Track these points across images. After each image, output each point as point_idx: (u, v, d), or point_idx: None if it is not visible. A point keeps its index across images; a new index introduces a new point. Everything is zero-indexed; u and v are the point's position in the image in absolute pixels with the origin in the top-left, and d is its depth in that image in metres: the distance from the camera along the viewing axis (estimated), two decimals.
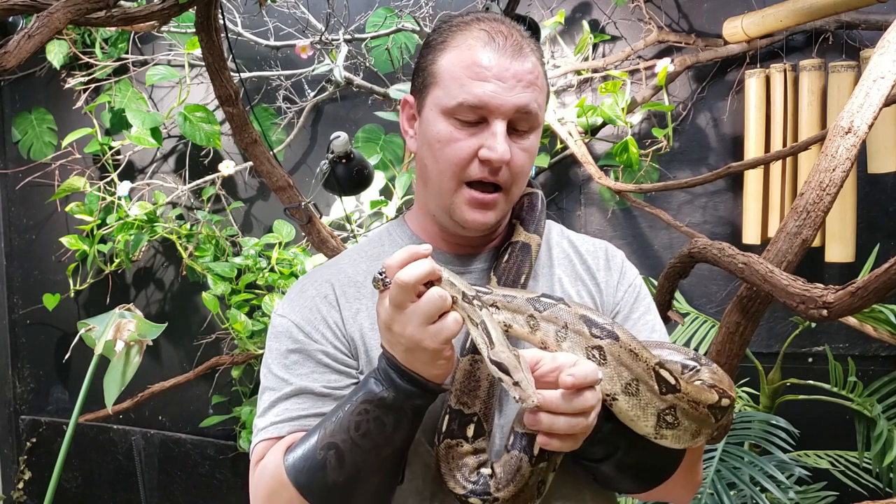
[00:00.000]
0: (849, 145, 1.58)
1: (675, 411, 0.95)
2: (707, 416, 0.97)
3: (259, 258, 2.90)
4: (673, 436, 0.96)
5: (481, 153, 1.01)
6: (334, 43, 2.78)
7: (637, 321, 1.15)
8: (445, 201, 1.06)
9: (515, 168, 1.04)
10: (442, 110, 1.03)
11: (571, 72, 2.64)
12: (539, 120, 1.05)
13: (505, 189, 1.05)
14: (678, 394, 0.95)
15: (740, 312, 1.77)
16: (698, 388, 0.98)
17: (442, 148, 1.03)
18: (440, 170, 1.05)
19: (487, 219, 1.05)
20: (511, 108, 1.01)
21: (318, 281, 1.12)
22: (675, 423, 0.95)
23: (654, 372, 0.94)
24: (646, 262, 2.63)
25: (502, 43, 1.01)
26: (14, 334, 3.70)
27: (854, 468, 2.23)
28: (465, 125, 1.02)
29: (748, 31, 2.37)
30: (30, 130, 3.46)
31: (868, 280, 1.38)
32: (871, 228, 2.33)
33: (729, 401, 1.00)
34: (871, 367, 2.38)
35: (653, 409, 0.95)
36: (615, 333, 0.95)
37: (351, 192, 2.28)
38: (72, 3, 1.50)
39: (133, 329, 2.19)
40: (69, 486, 3.57)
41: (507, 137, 1.02)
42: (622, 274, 1.17)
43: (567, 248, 1.18)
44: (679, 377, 0.96)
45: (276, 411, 1.05)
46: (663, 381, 0.94)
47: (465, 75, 1.01)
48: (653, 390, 0.94)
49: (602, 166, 2.54)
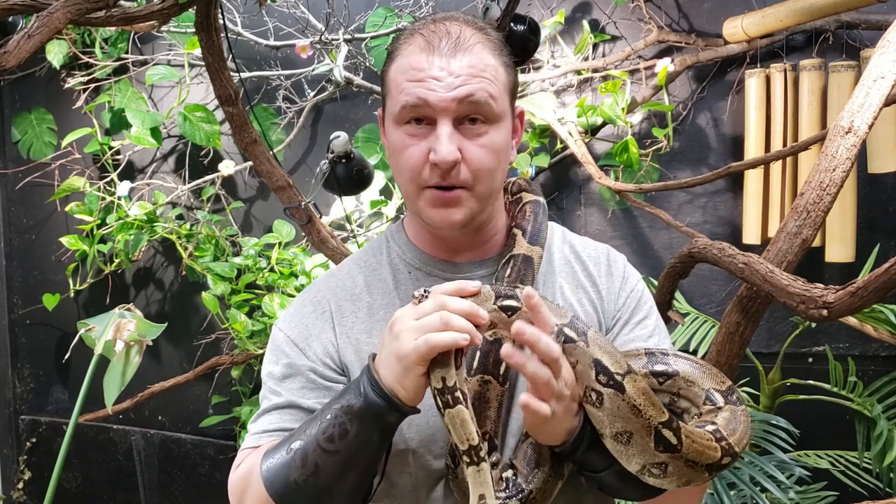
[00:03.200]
0: (849, 145, 1.58)
1: (667, 467, 0.93)
2: (702, 472, 0.94)
3: (259, 258, 2.90)
4: (656, 482, 0.94)
5: (430, 157, 1.00)
6: (334, 43, 2.77)
7: (636, 326, 1.13)
8: (414, 207, 1.07)
9: (473, 165, 1.01)
10: (393, 119, 1.04)
11: (571, 72, 2.64)
12: (495, 111, 1.01)
13: (468, 188, 1.02)
14: (677, 454, 0.92)
15: (740, 312, 1.77)
16: (702, 445, 0.93)
17: (398, 157, 1.04)
18: (401, 178, 1.05)
19: (454, 217, 1.03)
20: (451, 102, 0.99)
21: (317, 297, 1.14)
22: (662, 474, 0.93)
23: (655, 431, 0.91)
24: (646, 262, 2.63)
25: (438, 44, 1.01)
26: (14, 334, 3.70)
27: (854, 468, 2.22)
28: (417, 129, 1.02)
29: (748, 30, 2.37)
30: (30, 130, 3.46)
31: (868, 280, 1.38)
32: (871, 228, 2.33)
33: (731, 459, 0.95)
34: (871, 367, 2.38)
35: (639, 460, 0.93)
36: (622, 386, 0.92)
37: (351, 192, 2.28)
38: (72, 3, 1.50)
39: (133, 329, 2.19)
40: (69, 486, 3.57)
41: (458, 135, 1.00)
42: (624, 280, 1.16)
43: (568, 255, 1.17)
44: (683, 436, 0.92)
45: (265, 421, 1.08)
46: (663, 440, 0.91)
47: (404, 80, 1.01)
48: (646, 446, 0.92)
49: (602, 166, 2.54)
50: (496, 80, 1.02)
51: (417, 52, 1.02)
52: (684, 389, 1.03)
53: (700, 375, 1.03)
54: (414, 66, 1.01)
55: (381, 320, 1.10)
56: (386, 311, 1.10)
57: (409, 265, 1.13)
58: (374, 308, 1.11)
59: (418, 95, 0.99)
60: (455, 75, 0.99)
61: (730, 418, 0.99)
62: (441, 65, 1.00)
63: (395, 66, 1.04)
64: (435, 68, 1.00)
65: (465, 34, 1.02)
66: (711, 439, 0.95)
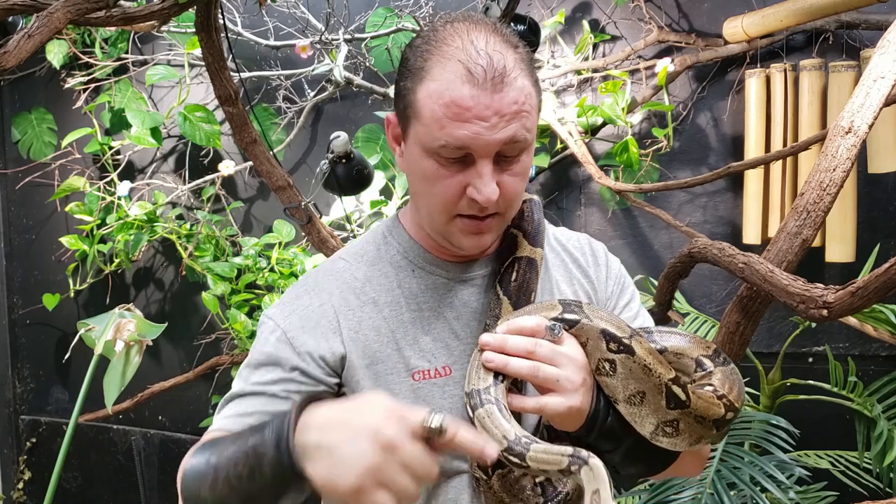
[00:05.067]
0: (849, 145, 1.58)
1: (678, 424, 0.96)
2: (710, 428, 0.98)
3: (259, 258, 2.90)
4: (669, 442, 0.98)
5: (469, 192, 0.98)
6: (334, 43, 2.77)
7: (623, 310, 1.17)
8: (440, 230, 1.05)
9: (508, 195, 1.00)
10: (425, 149, 0.99)
11: (571, 72, 2.64)
12: (529, 140, 1.00)
13: (500, 214, 1.03)
14: (686, 409, 0.96)
15: (740, 312, 1.77)
16: (707, 401, 0.98)
17: (429, 185, 1.00)
18: (430, 204, 1.03)
19: (484, 242, 1.05)
20: (496, 145, 0.96)
21: (316, 287, 1.09)
22: (675, 433, 0.97)
23: (666, 388, 0.95)
24: (646, 262, 2.63)
25: (482, 76, 0.94)
26: (14, 334, 3.70)
27: (854, 468, 2.22)
28: (451, 161, 0.98)
29: (748, 30, 2.37)
30: (30, 130, 3.46)
31: (868, 280, 1.38)
32: (871, 228, 2.33)
33: (734, 413, 1.00)
34: (871, 367, 2.38)
35: (653, 419, 0.96)
36: (632, 348, 0.96)
37: (351, 192, 2.28)
38: (72, 3, 1.50)
39: (133, 329, 2.19)
40: (69, 486, 3.57)
41: (496, 169, 0.98)
42: (608, 267, 1.19)
43: (557, 248, 1.18)
44: (690, 392, 0.97)
45: (228, 409, 1.03)
46: (673, 397, 0.95)
47: (444, 115, 0.95)
48: (658, 404, 0.95)
49: (602, 166, 2.54)
50: (533, 109, 1.00)
51: (459, 83, 0.95)
52: (675, 362, 1.06)
53: (687, 345, 1.07)
54: (456, 101, 0.94)
55: (387, 318, 1.07)
56: (391, 309, 1.07)
57: (412, 263, 1.10)
58: (380, 305, 1.07)
59: (463, 140, 0.95)
60: (500, 114, 0.95)
61: (723, 378, 1.03)
62: (486, 102, 0.94)
63: (426, 89, 0.97)
64: (480, 106, 0.94)
65: (508, 61, 0.96)
66: (713, 396, 0.99)
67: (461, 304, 1.09)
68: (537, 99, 1.02)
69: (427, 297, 1.08)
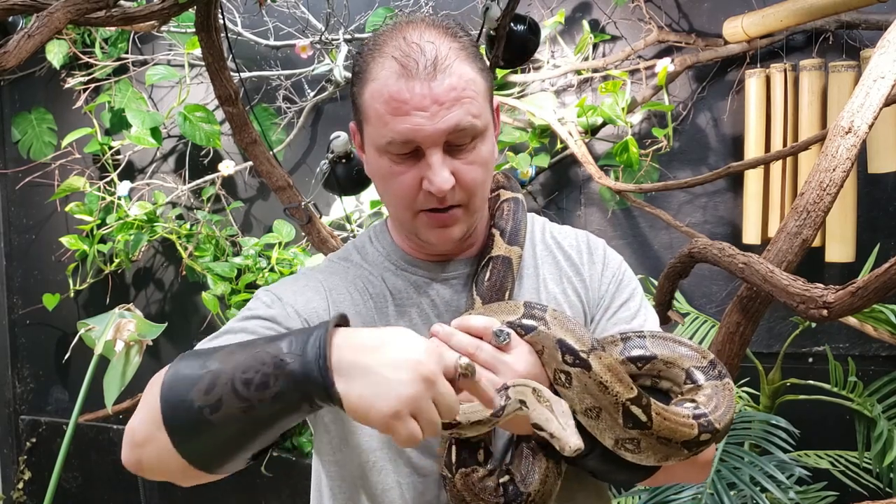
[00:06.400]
0: (849, 145, 1.58)
1: (639, 442, 0.92)
2: (678, 448, 0.93)
3: (259, 258, 2.90)
4: (634, 457, 0.94)
5: (424, 185, 0.99)
6: (334, 43, 2.78)
7: (619, 309, 1.12)
8: (407, 227, 1.06)
9: (467, 184, 1.00)
10: (377, 149, 1.01)
11: (571, 71, 2.64)
12: (480, 128, 0.99)
13: (463, 205, 1.02)
14: (647, 431, 0.91)
15: (740, 312, 1.77)
16: (674, 422, 0.93)
17: (388, 184, 1.02)
18: (393, 203, 1.05)
19: (452, 234, 1.04)
20: (440, 134, 0.96)
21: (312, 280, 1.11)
22: (637, 450, 0.93)
23: (624, 408, 0.91)
24: (646, 262, 2.63)
25: (415, 68, 0.95)
26: (14, 334, 3.70)
27: (854, 468, 2.22)
28: (403, 158, 0.99)
29: (748, 30, 2.37)
30: (29, 130, 3.46)
31: (868, 280, 1.38)
32: (871, 228, 2.33)
33: (710, 435, 0.94)
34: (871, 367, 2.38)
35: (611, 435, 0.93)
36: (588, 363, 0.93)
37: (351, 192, 2.28)
38: (72, 3, 1.50)
39: (133, 329, 2.19)
40: (69, 486, 3.57)
41: (449, 159, 0.98)
42: (605, 264, 1.16)
43: (551, 245, 1.16)
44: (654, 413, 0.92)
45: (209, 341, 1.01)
46: (631, 417, 0.91)
47: (386, 112, 0.96)
48: (616, 422, 0.92)
49: (602, 166, 2.54)
50: (478, 95, 0.99)
51: (394, 78, 0.96)
52: (664, 371, 1.02)
53: (679, 355, 1.02)
54: (394, 96, 0.95)
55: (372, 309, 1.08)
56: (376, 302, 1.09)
57: (395, 265, 1.12)
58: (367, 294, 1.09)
59: (405, 134, 0.96)
60: (439, 102, 0.95)
61: (711, 395, 0.98)
62: (423, 91, 0.95)
63: (368, 90, 0.99)
64: (417, 97, 0.95)
65: (441, 50, 0.96)
66: (688, 416, 0.94)
67: (443, 302, 1.10)
68: (484, 85, 1.02)
69: (411, 294, 1.10)
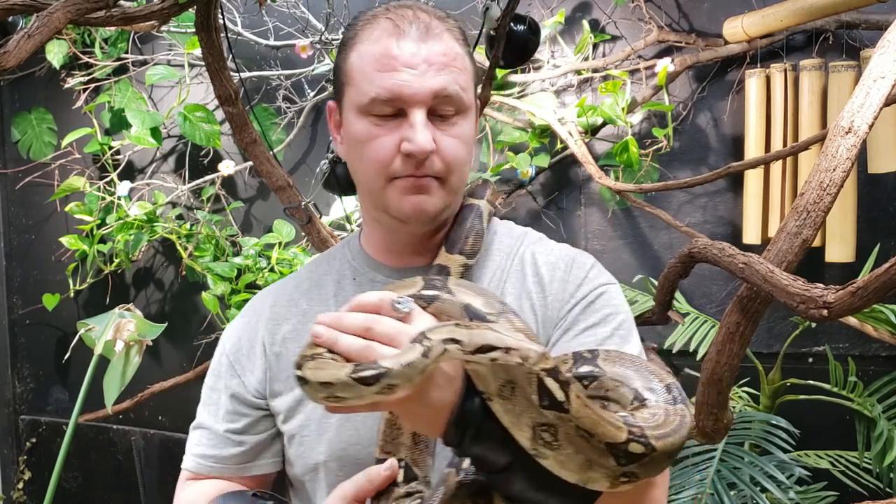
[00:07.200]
0: (849, 145, 1.58)
1: (557, 431, 0.78)
2: (603, 453, 0.79)
3: (259, 258, 2.90)
4: (555, 459, 0.80)
5: (403, 146, 0.95)
6: (334, 42, 2.77)
7: (582, 332, 1.02)
8: (379, 201, 1.01)
9: (447, 157, 0.97)
10: (358, 109, 0.98)
11: (571, 71, 2.64)
12: (465, 103, 0.99)
13: (440, 179, 0.99)
14: (564, 413, 0.78)
15: (740, 312, 1.77)
16: (598, 416, 0.79)
17: (364, 148, 0.98)
18: (366, 170, 1.00)
19: (426, 205, 0.99)
20: (427, 93, 0.95)
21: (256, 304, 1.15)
22: (553, 440, 0.79)
23: (538, 380, 0.77)
24: (646, 262, 2.63)
25: (408, 29, 0.96)
26: (14, 334, 3.70)
27: (854, 468, 2.22)
28: (384, 120, 0.96)
29: (748, 30, 2.37)
30: (29, 130, 3.46)
31: (868, 280, 1.37)
32: (871, 228, 2.33)
33: (643, 448, 0.80)
34: (871, 367, 2.38)
35: (527, 420, 0.79)
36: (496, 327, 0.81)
37: (351, 192, 2.27)
38: (72, 3, 1.50)
39: (133, 329, 2.19)
40: (69, 486, 3.57)
41: (431, 125, 0.96)
42: (579, 285, 1.05)
43: (526, 260, 1.08)
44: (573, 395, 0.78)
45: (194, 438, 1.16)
46: (546, 392, 0.77)
47: (373, 69, 0.95)
48: (530, 398, 0.78)
49: (602, 166, 2.54)
50: (465, 70, 0.99)
51: (385, 36, 0.96)
52: (612, 391, 0.92)
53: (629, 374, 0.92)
54: (384, 52, 0.95)
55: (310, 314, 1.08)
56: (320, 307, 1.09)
57: (356, 270, 1.10)
58: (309, 315, 1.08)
59: (392, 89, 0.94)
60: (429, 63, 0.95)
61: (655, 413, 0.86)
62: (413, 50, 0.95)
63: (357, 52, 0.98)
64: (406, 54, 0.95)
65: (433, 23, 0.98)
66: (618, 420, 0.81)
67: None
68: (472, 68, 1.02)
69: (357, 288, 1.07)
